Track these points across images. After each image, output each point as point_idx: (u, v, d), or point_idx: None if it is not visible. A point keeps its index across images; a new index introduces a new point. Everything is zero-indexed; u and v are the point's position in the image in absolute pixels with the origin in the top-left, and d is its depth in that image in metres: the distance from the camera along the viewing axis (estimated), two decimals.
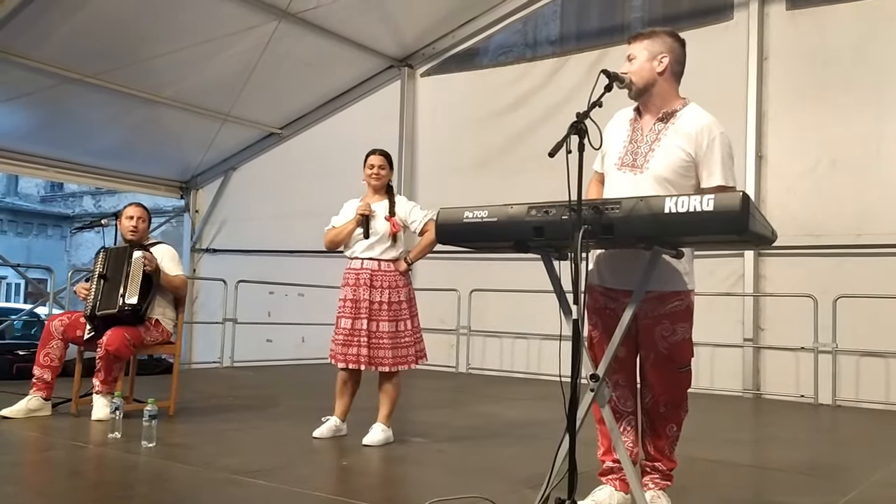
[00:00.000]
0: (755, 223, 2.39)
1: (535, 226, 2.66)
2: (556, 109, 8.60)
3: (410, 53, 10.41)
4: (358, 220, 4.41)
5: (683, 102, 2.85)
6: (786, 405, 7.20)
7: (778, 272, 7.71)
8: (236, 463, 3.69)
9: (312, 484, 3.42)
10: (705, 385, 7.53)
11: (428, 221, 4.45)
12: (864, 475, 3.97)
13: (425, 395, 7.50)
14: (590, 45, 9.02)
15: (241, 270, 10.16)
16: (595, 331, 2.94)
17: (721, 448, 4.76)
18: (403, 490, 3.49)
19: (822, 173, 7.53)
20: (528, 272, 7.54)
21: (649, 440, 2.91)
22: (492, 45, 9.92)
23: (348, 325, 4.36)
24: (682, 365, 2.86)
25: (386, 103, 10.53)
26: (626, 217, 2.49)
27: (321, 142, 10.85)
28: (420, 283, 10.15)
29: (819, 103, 7.60)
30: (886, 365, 7.03)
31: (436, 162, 10.14)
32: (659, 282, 2.72)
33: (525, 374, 8.84)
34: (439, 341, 9.67)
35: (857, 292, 6.93)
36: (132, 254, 4.81)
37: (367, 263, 4.40)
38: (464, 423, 5.44)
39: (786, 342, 7.51)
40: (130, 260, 4.79)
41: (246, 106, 10.36)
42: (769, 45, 7.94)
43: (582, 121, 2.54)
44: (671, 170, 2.75)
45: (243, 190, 11.94)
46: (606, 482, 2.92)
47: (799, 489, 3.70)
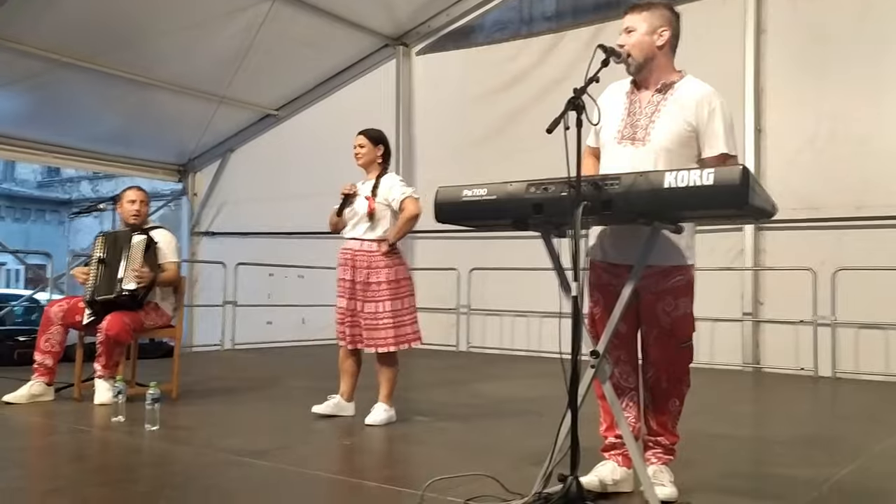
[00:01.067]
0: (755, 197, 2.38)
1: (535, 203, 2.65)
2: (554, 86, 8.54)
3: (405, 32, 10.33)
4: (340, 198, 4.50)
5: (680, 75, 2.85)
6: (786, 378, 7.23)
7: (777, 246, 7.72)
8: (239, 444, 3.70)
9: (314, 463, 3.44)
10: (705, 360, 7.55)
11: (406, 199, 4.41)
12: (864, 447, 3.99)
13: (426, 374, 7.53)
14: (586, 20, 8.95)
15: (241, 253, 10.16)
16: (597, 307, 2.93)
17: (722, 422, 4.78)
18: (406, 468, 3.51)
19: (820, 147, 7.51)
20: (527, 250, 7.51)
21: (651, 415, 2.92)
22: (487, 21, 9.84)
23: (342, 304, 4.43)
24: (684, 340, 2.86)
25: (382, 82, 10.47)
26: (626, 192, 2.48)
27: (318, 122, 10.79)
28: (419, 262, 10.18)
29: (817, 77, 7.56)
30: (886, 337, 7.05)
31: (433, 140, 10.10)
32: (661, 256, 2.72)
33: (525, 352, 8.87)
34: (439, 320, 9.70)
35: (855, 265, 6.94)
36: (131, 238, 4.80)
37: (350, 243, 4.45)
38: (465, 402, 5.47)
39: (785, 316, 7.53)
40: (130, 245, 4.78)
41: (242, 87, 10.30)
42: (767, 19, 7.88)
43: (579, 97, 2.53)
44: (673, 140, 2.74)
45: (241, 172, 11.90)
46: (609, 458, 2.93)
47: (799, 461, 3.72)
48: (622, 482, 2.88)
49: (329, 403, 4.49)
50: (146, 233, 4.89)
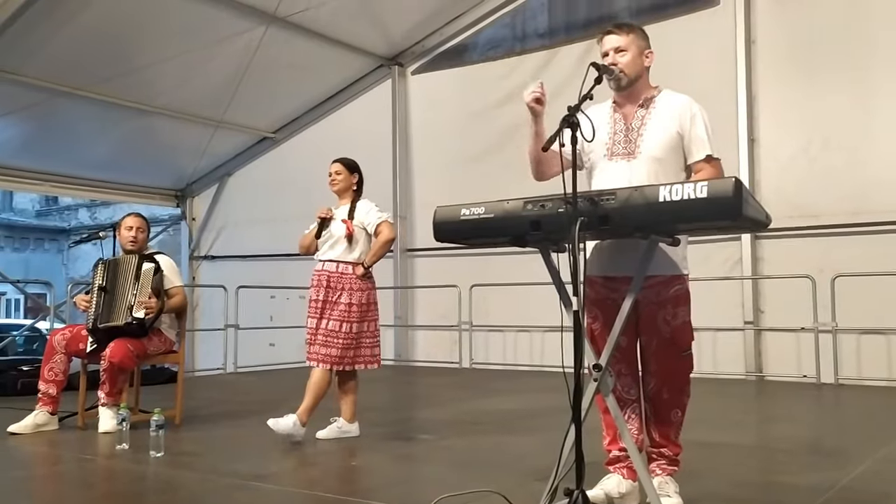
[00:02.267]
0: (749, 208, 2.41)
1: (532, 220, 2.67)
2: (549, 101, 8.58)
3: (400, 52, 10.42)
4: (317, 222, 4.59)
5: (658, 89, 2.96)
6: (789, 386, 7.24)
7: (775, 254, 7.75)
8: (244, 468, 3.71)
9: (322, 485, 3.45)
10: (708, 370, 7.56)
11: (381, 223, 4.53)
12: (868, 453, 4.00)
13: (429, 392, 7.54)
14: (578, 36, 9.03)
15: (241, 276, 10.18)
16: (595, 323, 2.96)
17: (726, 431, 4.79)
18: (413, 487, 3.51)
19: (814, 154, 7.56)
20: (527, 265, 7.54)
21: (654, 427, 2.93)
22: (481, 40, 9.93)
23: (312, 324, 4.48)
24: (684, 349, 2.89)
25: (378, 102, 10.55)
26: (622, 207, 2.50)
27: (315, 144, 10.85)
28: (420, 279, 10.23)
29: (808, 84, 7.63)
30: (887, 342, 7.07)
31: (430, 158, 10.16)
32: (661, 267, 2.77)
33: (528, 367, 8.86)
34: (441, 337, 9.73)
35: (854, 271, 6.96)
36: (139, 265, 4.83)
37: (326, 265, 4.53)
38: (469, 419, 5.47)
39: (786, 323, 7.55)
40: (137, 272, 4.81)
41: (238, 111, 10.37)
42: (756, 29, 7.96)
43: (574, 114, 2.56)
44: (663, 149, 2.84)
45: (239, 195, 11.95)
46: (614, 471, 2.95)
47: (804, 468, 3.73)
48: (628, 495, 2.89)
49: (332, 428, 4.51)
50: (151, 259, 4.91)
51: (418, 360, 10.07)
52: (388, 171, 10.32)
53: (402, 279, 10.29)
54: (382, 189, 9.85)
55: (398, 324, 10.20)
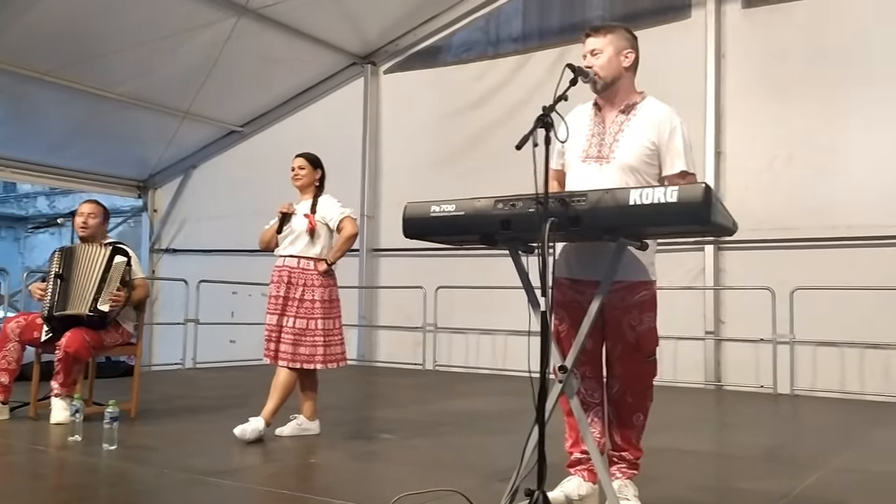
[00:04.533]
0: (717, 214, 2.43)
1: (503, 219, 2.66)
2: (520, 106, 8.64)
3: (373, 51, 10.38)
4: (278, 217, 4.52)
5: (642, 95, 2.94)
6: (746, 396, 7.34)
7: (737, 265, 7.86)
8: (201, 463, 3.64)
9: (279, 482, 3.39)
10: (669, 377, 7.62)
11: (344, 219, 4.48)
12: (822, 462, 4.06)
13: (392, 392, 7.50)
14: (552, 42, 9.08)
15: (203, 270, 10.04)
16: (562, 325, 2.96)
17: (685, 438, 4.84)
18: (372, 486, 3.48)
19: (779, 169, 7.69)
20: (493, 268, 7.57)
21: (616, 430, 2.94)
22: (454, 42, 9.94)
23: (272, 321, 4.40)
24: (649, 354, 2.90)
25: (349, 101, 10.49)
26: (593, 209, 2.51)
27: (284, 139, 10.74)
28: (385, 280, 10.18)
29: (776, 100, 7.76)
30: (841, 354, 7.21)
31: (401, 159, 10.13)
32: (627, 272, 2.77)
33: (491, 371, 8.87)
34: (405, 339, 9.69)
35: (812, 284, 7.09)
36: (113, 258, 4.72)
37: (287, 261, 4.47)
38: (432, 420, 5.45)
39: (745, 334, 7.65)
40: (111, 265, 4.70)
41: (206, 103, 10.22)
42: (726, 43, 8.08)
43: (548, 114, 2.56)
44: (637, 158, 2.82)
45: (204, 189, 11.79)
46: (575, 473, 2.95)
47: (760, 476, 3.77)
48: (588, 497, 2.90)
49: (292, 425, 4.45)
50: (123, 252, 4.79)
51: (381, 361, 10.02)
52: (357, 170, 10.27)
53: (368, 279, 10.23)
54: (350, 187, 9.81)
55: (362, 324, 10.14)
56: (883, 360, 7.02)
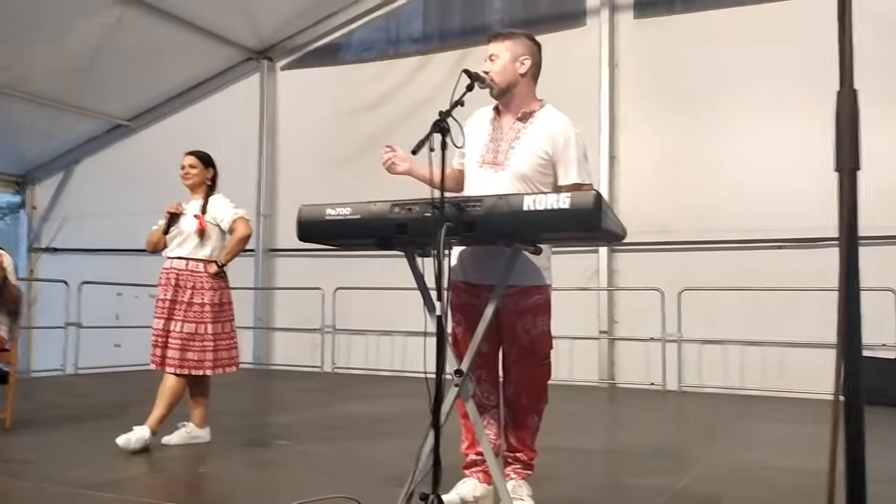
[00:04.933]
0: (607, 221, 2.50)
1: (398, 223, 2.65)
2: (420, 107, 8.65)
3: (270, 46, 10.16)
4: (165, 217, 4.36)
5: (541, 104, 2.96)
6: (637, 393, 7.62)
7: (629, 267, 8.15)
8: (82, 476, 3.45)
9: (166, 493, 3.26)
10: (564, 377, 7.82)
11: (237, 219, 4.36)
12: (706, 455, 4.26)
13: (288, 396, 7.36)
14: (452, 44, 9.14)
15: (86, 271, 9.54)
16: (459, 327, 2.97)
17: (579, 436, 4.96)
18: (265, 494, 3.39)
19: (668, 174, 8.02)
20: (392, 269, 7.54)
21: (511, 432, 2.98)
22: (354, 41, 9.85)
23: (159, 325, 4.24)
24: (543, 357, 2.95)
25: (245, 97, 10.24)
26: (488, 214, 2.53)
27: (175, 135, 10.36)
28: (282, 281, 9.98)
29: (665, 107, 8.08)
30: (724, 351, 7.59)
31: (298, 157, 9.96)
32: (521, 277, 2.80)
33: (391, 372, 8.84)
34: (303, 341, 9.53)
35: (699, 285, 7.43)
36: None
37: (175, 263, 4.31)
38: (329, 424, 5.37)
39: (637, 333, 7.94)
40: None
41: (91, 95, 9.75)
42: (619, 52, 8.36)
43: (444, 119, 2.56)
44: (530, 167, 2.84)
45: (88, 185, 11.22)
46: (470, 475, 2.97)
47: (649, 471, 3.91)
48: (483, 498, 2.92)
49: (181, 433, 4.29)
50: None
51: (278, 364, 9.81)
52: (253, 168, 10.03)
53: (264, 280, 10.00)
54: (246, 186, 9.56)
55: (258, 325, 9.90)
56: (761, 356, 7.43)
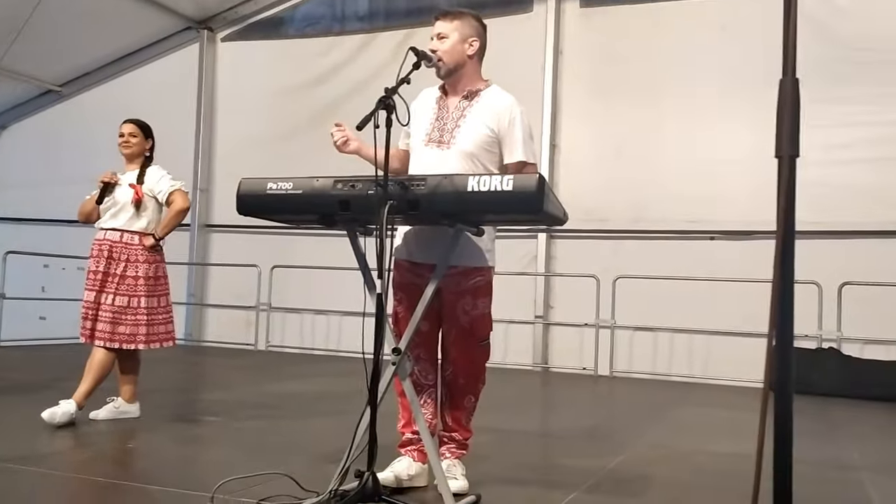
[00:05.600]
0: (549, 204, 2.53)
1: (341, 199, 2.63)
2: (364, 85, 8.55)
3: (211, 16, 9.90)
4: (98, 187, 4.23)
5: (486, 83, 2.98)
6: (570, 377, 7.76)
7: (567, 253, 8.27)
8: (3, 449, 3.32)
9: (92, 469, 3.18)
10: (499, 359, 7.91)
11: (175, 191, 4.25)
12: (635, 438, 4.37)
13: (221, 374, 7.25)
14: (398, 23, 9.06)
15: (10, 241, 9.16)
16: (400, 306, 2.97)
17: (513, 418, 5.03)
18: (195, 471, 3.33)
19: (608, 163, 8.14)
20: (330, 248, 7.47)
21: (448, 411, 3.00)
22: (298, 14, 9.68)
23: (90, 298, 4.12)
24: (482, 338, 2.97)
25: (183, 66, 9.96)
26: (431, 194, 2.53)
27: (107, 103, 10.00)
28: (217, 257, 9.80)
29: (608, 97, 8.19)
30: (655, 338, 7.79)
31: (236, 131, 9.75)
32: (463, 257, 2.81)
33: (326, 352, 8.79)
34: (236, 317, 9.39)
35: (633, 273, 7.59)
36: None
37: (109, 234, 4.19)
38: (262, 402, 5.31)
39: (572, 319, 8.08)
40: None
41: (19, 58, 9.33)
42: (564, 40, 8.42)
43: (390, 96, 2.55)
44: (476, 145, 2.85)
45: (15, 152, 10.78)
46: (406, 453, 2.98)
47: (581, 452, 4.00)
48: (417, 477, 2.93)
49: (109, 408, 4.18)
50: None
51: (211, 341, 9.64)
52: (191, 141, 9.78)
53: (199, 255, 9.79)
54: (182, 158, 9.32)
55: (191, 301, 9.70)
56: (687, 344, 7.65)
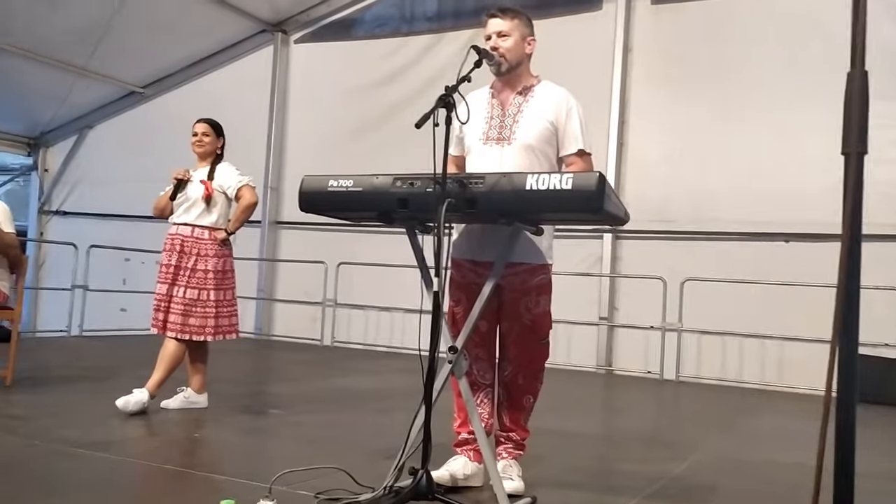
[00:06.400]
0: (609, 203, 2.48)
1: (400, 197, 2.64)
2: (430, 85, 8.56)
3: (284, 19, 10.10)
4: (172, 183, 4.37)
5: (538, 79, 3.00)
6: (634, 380, 7.62)
7: (633, 254, 8.12)
8: (76, 435, 3.48)
9: (160, 456, 3.29)
10: (562, 361, 7.84)
11: (243, 187, 4.36)
12: (701, 445, 4.26)
13: (286, 368, 7.40)
14: (466, 23, 9.06)
15: (95, 235, 9.60)
16: (458, 307, 2.97)
17: (574, 420, 4.97)
18: (256, 462, 3.41)
19: (675, 162, 7.96)
20: (396, 246, 7.55)
21: (506, 411, 2.99)
22: (368, 16, 9.79)
23: (162, 290, 4.26)
24: (543, 336, 2.96)
25: (257, 69, 10.20)
26: (489, 192, 2.52)
27: (187, 104, 10.30)
28: (285, 253, 10.00)
29: (676, 95, 8.00)
30: (724, 343, 7.58)
31: (307, 131, 9.93)
32: (526, 255, 2.82)
33: (389, 348, 8.87)
34: (303, 313, 9.57)
35: (701, 276, 7.40)
36: None
37: (181, 229, 4.33)
38: (324, 396, 5.40)
39: (637, 321, 7.93)
40: None
41: (105, 61, 9.73)
42: (633, 38, 8.28)
43: (450, 94, 2.55)
44: (537, 138, 2.86)
45: (100, 150, 11.24)
46: (461, 453, 2.98)
47: (642, 458, 3.92)
48: (473, 476, 2.93)
49: (179, 397, 4.32)
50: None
51: (279, 335, 9.86)
52: (262, 140, 10.01)
53: (268, 251, 10.02)
54: (254, 158, 9.55)
55: (261, 297, 9.93)
56: (759, 349, 7.42)
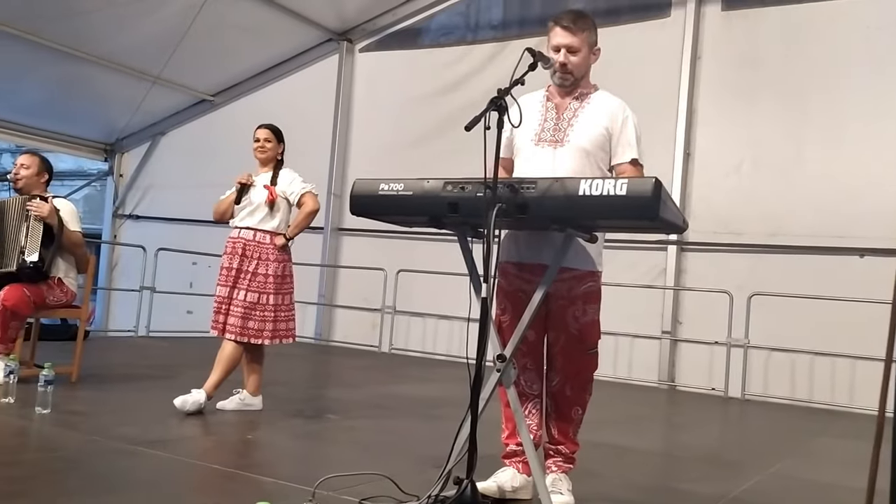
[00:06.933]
0: (666, 210, 2.39)
1: (450, 201, 2.61)
2: (491, 94, 8.53)
3: (350, 28, 10.23)
4: (236, 188, 4.42)
5: (595, 87, 2.95)
6: (697, 397, 7.38)
7: (698, 267, 7.88)
8: (134, 433, 3.55)
9: (212, 456, 3.33)
10: (623, 374, 7.67)
11: (305, 194, 4.41)
12: (763, 467, 4.08)
13: (344, 373, 7.45)
14: (531, 31, 8.99)
15: (164, 238, 9.87)
16: (504, 315, 2.92)
17: (631, 435, 4.84)
18: (305, 465, 3.42)
19: (744, 173, 7.72)
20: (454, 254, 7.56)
21: (554, 423, 2.91)
22: (433, 25, 9.83)
23: (223, 293, 4.31)
24: (591, 346, 2.87)
25: (323, 77, 10.34)
26: (541, 197, 2.46)
27: (254, 112, 10.48)
28: (346, 260, 10.10)
29: (746, 105, 7.77)
30: (792, 361, 7.27)
31: (369, 139, 10.01)
32: (575, 260, 2.75)
33: (447, 356, 8.83)
34: (362, 319, 9.62)
35: (770, 290, 7.14)
36: (26, 205, 4.57)
37: (243, 233, 4.37)
38: (379, 402, 5.40)
39: (701, 336, 7.69)
40: (27, 213, 4.55)
41: (178, 69, 10.02)
42: (703, 46, 8.07)
43: (502, 97, 2.52)
44: (591, 142, 2.82)
45: (171, 156, 11.58)
46: (510, 464, 2.92)
47: (701, 477, 3.78)
48: (521, 489, 2.87)
49: (234, 399, 4.38)
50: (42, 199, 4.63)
51: (338, 341, 9.94)
52: (327, 148, 10.14)
53: (330, 258, 10.14)
54: (319, 165, 9.68)
55: (321, 302, 10.05)
56: (830, 369, 7.10)
